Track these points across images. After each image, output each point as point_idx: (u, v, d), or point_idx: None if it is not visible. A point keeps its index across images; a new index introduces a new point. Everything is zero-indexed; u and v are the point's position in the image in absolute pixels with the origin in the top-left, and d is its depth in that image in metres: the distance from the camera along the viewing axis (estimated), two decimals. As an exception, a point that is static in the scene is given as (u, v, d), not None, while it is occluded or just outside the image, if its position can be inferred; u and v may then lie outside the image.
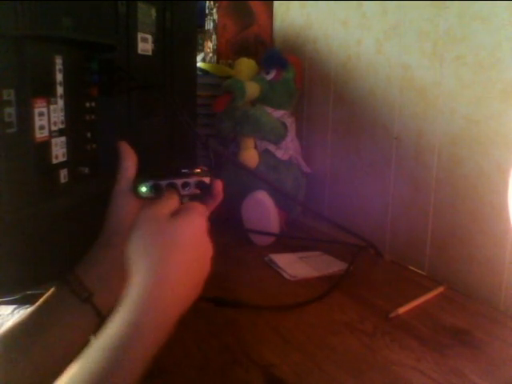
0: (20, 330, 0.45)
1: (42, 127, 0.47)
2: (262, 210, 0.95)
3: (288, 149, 1.06)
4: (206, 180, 0.50)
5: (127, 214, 0.49)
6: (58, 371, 0.47)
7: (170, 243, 0.41)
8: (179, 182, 0.48)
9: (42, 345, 0.44)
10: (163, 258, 0.40)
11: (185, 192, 0.48)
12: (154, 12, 0.70)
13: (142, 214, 0.43)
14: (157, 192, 0.47)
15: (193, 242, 0.43)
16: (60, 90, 0.50)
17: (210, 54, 1.26)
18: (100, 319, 0.47)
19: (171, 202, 0.45)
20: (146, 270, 0.40)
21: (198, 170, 0.50)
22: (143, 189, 0.48)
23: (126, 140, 0.57)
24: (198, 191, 0.49)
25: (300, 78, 1.11)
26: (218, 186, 0.51)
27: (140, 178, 0.49)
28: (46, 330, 0.45)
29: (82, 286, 0.47)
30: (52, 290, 0.48)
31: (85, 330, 0.48)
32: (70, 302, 0.46)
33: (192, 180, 0.49)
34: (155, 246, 0.41)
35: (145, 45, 0.68)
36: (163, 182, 0.48)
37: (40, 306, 0.46)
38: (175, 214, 0.43)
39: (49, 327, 0.45)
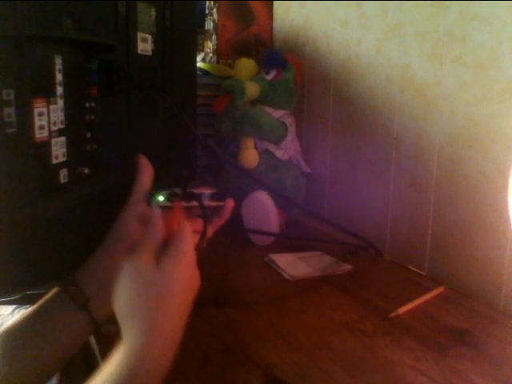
0: (17, 331, 0.45)
1: (41, 127, 0.47)
2: (262, 210, 0.95)
3: (288, 149, 1.06)
4: (221, 193, 0.51)
5: (135, 223, 0.49)
6: (51, 374, 0.47)
7: (158, 296, 0.40)
8: (195, 190, 0.49)
9: (37, 347, 0.44)
10: (151, 314, 0.39)
11: (201, 202, 0.49)
12: (153, 12, 0.70)
13: (126, 262, 0.41)
14: (174, 200, 0.48)
15: (181, 285, 0.41)
16: (60, 89, 0.50)
17: (210, 54, 1.26)
18: (94, 326, 0.47)
19: (154, 238, 0.43)
20: (136, 329, 0.39)
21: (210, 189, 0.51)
22: (160, 197, 0.48)
23: (126, 140, 0.57)
24: (212, 204, 0.50)
25: (300, 78, 1.11)
26: (229, 204, 0.51)
27: (156, 189, 0.50)
28: (41, 332, 0.45)
29: (79, 290, 0.47)
30: (51, 292, 0.48)
31: (79, 336, 0.48)
32: (67, 306, 0.46)
33: (207, 191, 0.50)
34: (142, 302, 0.40)
35: (145, 45, 0.68)
36: (179, 191, 0.49)
37: (38, 308, 0.46)
38: (163, 253, 0.42)
39: (44, 330, 0.45)
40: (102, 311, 0.47)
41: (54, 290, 0.48)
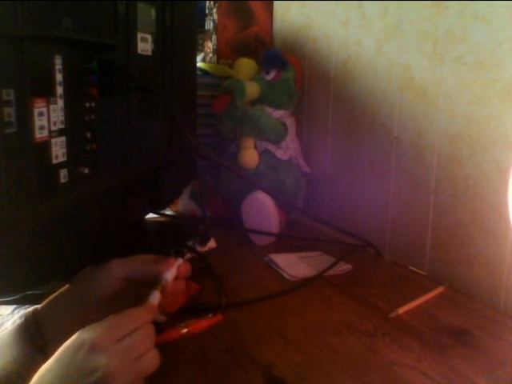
0: None
1: (41, 127, 0.47)
2: (262, 210, 0.95)
3: (288, 149, 1.06)
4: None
5: (116, 289, 0.49)
6: None
7: None
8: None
9: None
10: None
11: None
12: (153, 12, 0.70)
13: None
14: None
15: None
16: (60, 89, 0.50)
17: (210, 54, 1.26)
18: None
19: None
20: None
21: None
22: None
23: (126, 140, 0.56)
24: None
25: (300, 78, 1.11)
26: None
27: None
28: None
29: (39, 332, 0.46)
30: (16, 323, 0.47)
31: (30, 372, 0.46)
32: (25, 343, 0.46)
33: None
34: None
35: (145, 45, 0.68)
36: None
37: (3, 337, 0.46)
38: None
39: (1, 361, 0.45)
40: None
41: (18, 322, 0.47)
